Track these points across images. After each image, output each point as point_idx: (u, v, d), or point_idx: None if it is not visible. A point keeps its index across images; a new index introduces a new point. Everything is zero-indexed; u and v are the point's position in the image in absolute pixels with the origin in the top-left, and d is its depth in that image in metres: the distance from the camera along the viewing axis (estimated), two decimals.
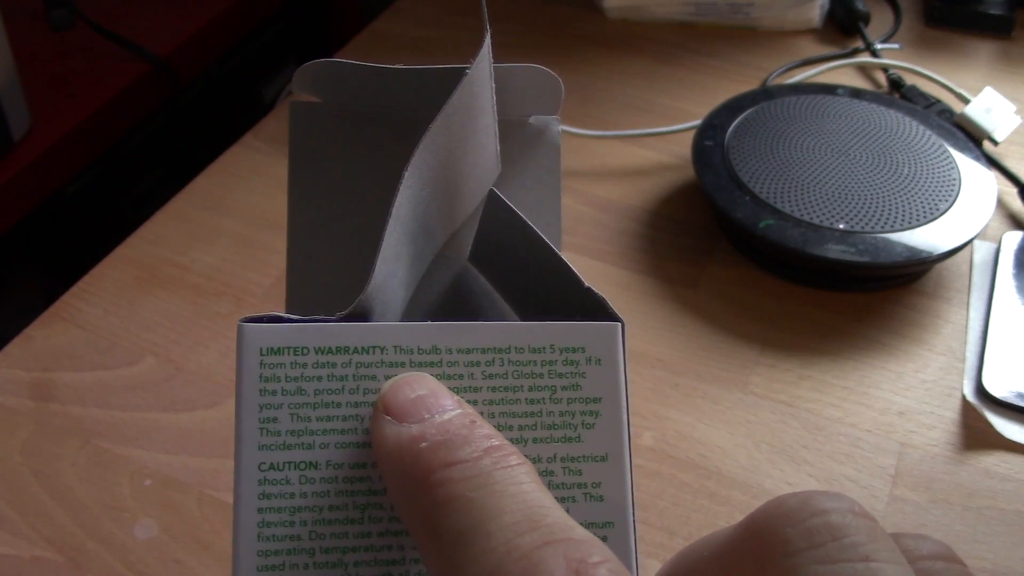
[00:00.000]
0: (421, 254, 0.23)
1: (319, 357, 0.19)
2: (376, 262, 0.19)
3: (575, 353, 0.20)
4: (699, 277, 0.52)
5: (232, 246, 0.54)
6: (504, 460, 0.17)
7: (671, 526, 0.41)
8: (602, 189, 0.58)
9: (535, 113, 0.25)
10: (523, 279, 0.23)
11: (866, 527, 0.16)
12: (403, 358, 0.19)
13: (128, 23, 0.75)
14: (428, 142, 0.20)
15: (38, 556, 0.40)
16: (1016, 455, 0.44)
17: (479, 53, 0.21)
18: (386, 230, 0.19)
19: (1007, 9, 0.71)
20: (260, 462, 0.19)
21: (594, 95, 0.65)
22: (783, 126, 0.55)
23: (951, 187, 0.52)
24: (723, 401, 0.46)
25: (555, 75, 0.24)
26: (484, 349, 0.20)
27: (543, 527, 0.16)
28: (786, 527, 0.17)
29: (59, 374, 0.47)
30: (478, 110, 0.22)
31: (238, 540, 0.18)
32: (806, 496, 0.17)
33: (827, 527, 0.16)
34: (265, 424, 0.19)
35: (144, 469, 0.43)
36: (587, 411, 0.20)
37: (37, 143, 0.65)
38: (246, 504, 0.18)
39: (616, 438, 0.20)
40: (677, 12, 0.72)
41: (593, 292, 0.21)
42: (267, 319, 0.19)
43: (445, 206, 0.23)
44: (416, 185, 0.20)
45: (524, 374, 0.20)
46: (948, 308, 0.51)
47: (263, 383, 0.19)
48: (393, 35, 0.71)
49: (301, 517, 0.19)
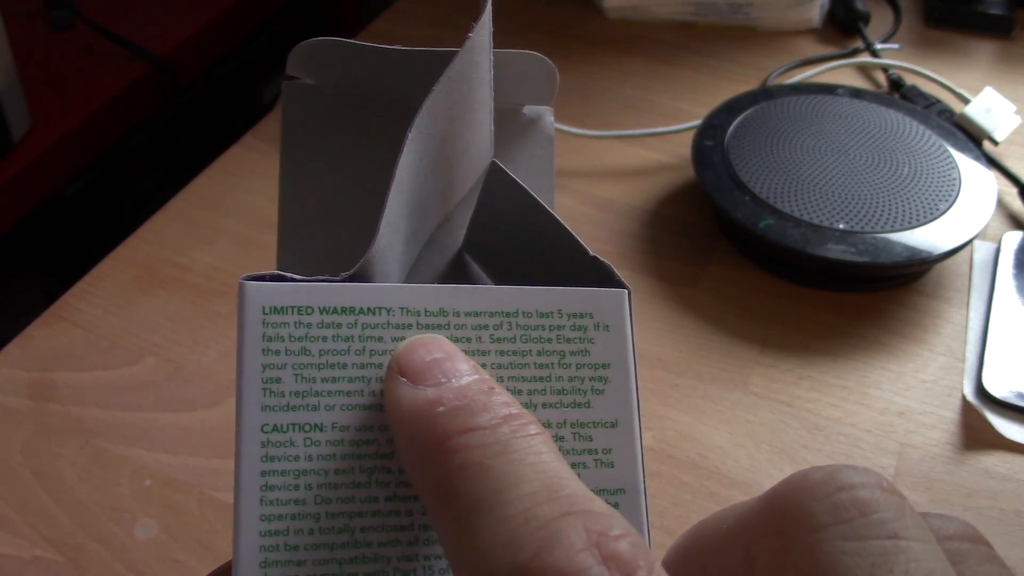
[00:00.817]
0: (416, 233, 0.22)
1: (324, 317, 0.19)
2: (380, 224, 0.19)
3: (583, 319, 0.20)
4: (699, 277, 0.52)
5: (232, 246, 0.54)
6: (523, 429, 0.17)
7: (671, 526, 0.41)
8: (602, 189, 0.58)
9: (529, 102, 0.25)
10: (523, 260, 0.22)
11: (895, 503, 0.16)
12: (410, 320, 0.19)
13: (128, 23, 0.75)
14: (430, 105, 0.20)
15: (38, 556, 0.40)
16: (1016, 455, 0.44)
17: (480, 19, 0.21)
18: (389, 193, 0.19)
19: (1007, 9, 0.71)
20: (263, 423, 0.18)
21: (594, 95, 0.65)
22: (783, 126, 0.55)
23: (951, 187, 0.52)
24: (723, 401, 0.46)
25: (550, 62, 0.24)
26: (492, 313, 0.20)
27: (562, 498, 0.16)
28: (811, 501, 0.16)
29: (59, 374, 0.47)
30: (478, 80, 0.21)
31: (240, 504, 0.18)
32: (832, 470, 0.17)
33: (854, 502, 0.16)
34: (268, 384, 0.18)
35: (144, 469, 0.43)
36: (596, 377, 0.20)
37: (37, 143, 0.65)
38: (248, 467, 0.18)
39: (625, 404, 0.20)
40: (677, 12, 0.72)
41: (599, 260, 0.20)
42: (269, 277, 0.19)
43: (441, 184, 0.22)
44: (417, 151, 0.20)
45: (532, 339, 0.20)
46: (948, 308, 0.51)
47: (266, 343, 0.18)
48: (393, 35, 0.71)
49: (306, 480, 0.18)
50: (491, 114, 0.23)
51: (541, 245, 0.21)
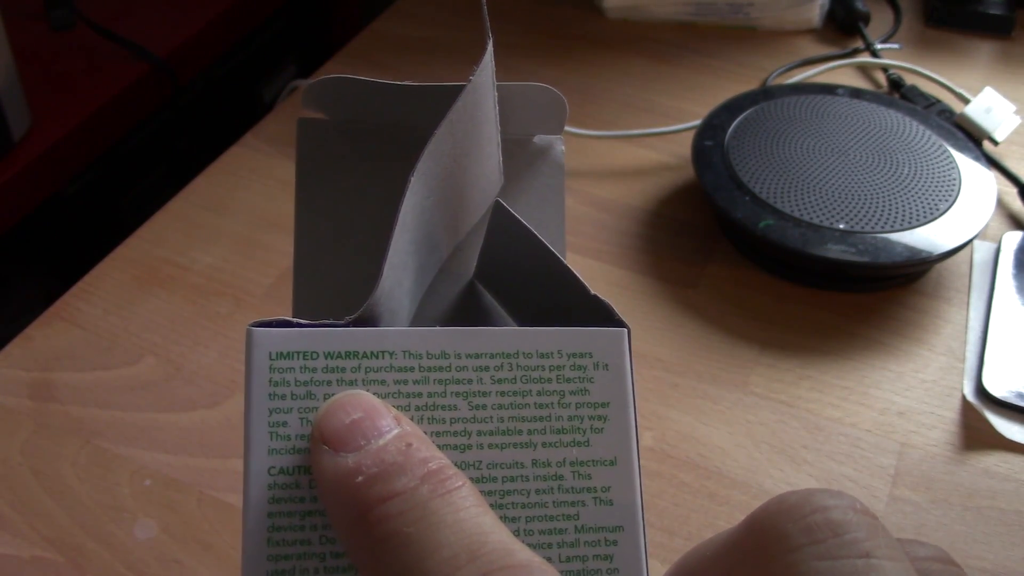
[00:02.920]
0: (425, 265, 0.23)
1: (329, 362, 0.19)
2: (383, 267, 0.19)
3: (583, 358, 0.20)
4: (699, 277, 0.52)
5: (232, 246, 0.54)
6: (442, 486, 0.17)
7: (671, 526, 0.41)
8: (602, 189, 0.58)
9: (539, 132, 0.25)
10: (529, 293, 0.23)
11: (867, 524, 0.16)
12: (412, 363, 0.19)
13: (128, 23, 0.75)
14: (433, 149, 0.20)
15: (38, 556, 0.40)
16: (1016, 455, 0.44)
17: (482, 60, 0.21)
18: (392, 236, 0.19)
19: (1007, 9, 0.71)
20: (270, 466, 0.19)
21: (594, 95, 0.65)
22: (783, 126, 0.55)
23: (951, 187, 0.52)
24: (723, 401, 0.46)
25: (559, 93, 0.24)
26: (492, 354, 0.20)
27: (482, 556, 0.16)
28: (787, 523, 0.17)
29: (59, 374, 0.47)
30: (482, 118, 0.22)
31: (247, 544, 0.18)
32: (807, 493, 0.17)
33: (828, 523, 0.16)
34: (275, 428, 0.19)
35: (144, 469, 0.43)
36: (595, 416, 0.20)
37: (37, 143, 0.65)
38: (255, 508, 0.18)
39: (625, 442, 0.20)
40: (677, 12, 0.72)
41: (600, 299, 0.21)
42: (276, 323, 0.19)
43: (449, 217, 0.23)
44: (421, 192, 0.20)
45: (532, 379, 0.20)
46: (948, 308, 0.51)
47: (272, 387, 0.19)
48: (393, 35, 0.71)
49: (311, 521, 0.19)
50: (499, 146, 0.23)
51: (543, 281, 0.22)
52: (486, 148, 0.23)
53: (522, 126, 0.25)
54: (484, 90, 0.22)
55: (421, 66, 0.68)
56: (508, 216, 0.22)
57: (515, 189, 0.24)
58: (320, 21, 0.98)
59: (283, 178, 0.59)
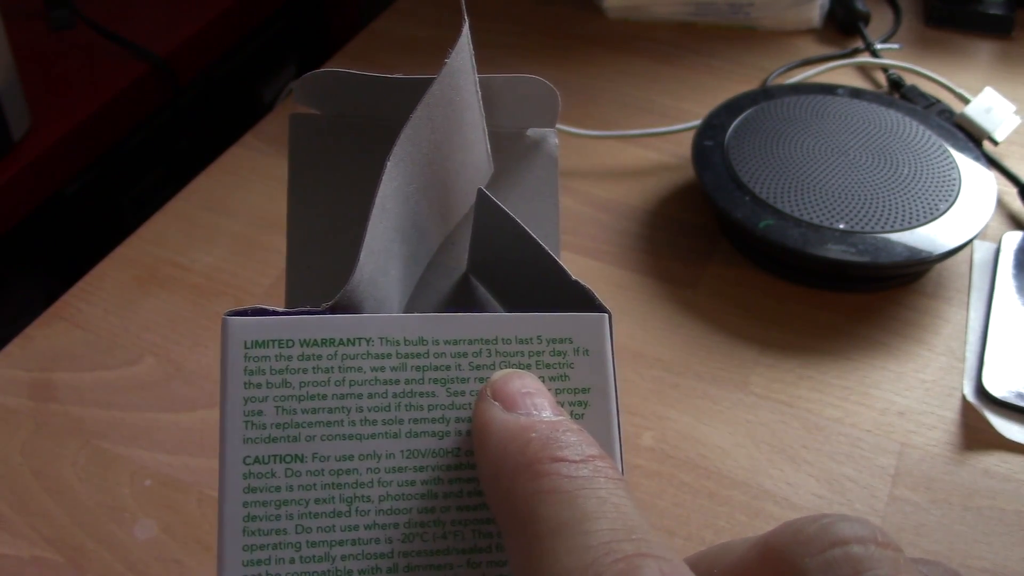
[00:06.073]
0: (415, 255, 0.23)
1: (304, 349, 0.19)
2: (360, 253, 0.19)
3: (562, 344, 0.20)
4: (699, 277, 0.52)
5: (232, 246, 0.54)
6: (606, 471, 0.17)
7: (671, 526, 0.41)
8: (602, 189, 0.58)
9: (532, 125, 0.25)
10: (517, 282, 0.23)
11: (889, 559, 0.16)
12: (389, 349, 0.19)
13: (128, 23, 0.75)
14: (410, 133, 0.20)
15: (38, 556, 0.40)
16: (1016, 455, 0.44)
17: (457, 43, 0.21)
18: (369, 221, 0.19)
19: (1007, 9, 0.71)
20: (245, 455, 0.19)
21: (594, 95, 0.65)
22: (783, 126, 0.55)
23: (951, 187, 0.52)
24: (723, 401, 0.46)
25: (552, 87, 0.24)
26: (471, 340, 0.20)
27: (641, 540, 0.16)
28: (804, 557, 0.16)
29: (59, 374, 0.47)
30: (462, 104, 0.22)
31: (223, 534, 0.18)
32: (827, 523, 0.16)
33: (847, 559, 0.16)
34: (250, 417, 0.19)
35: (144, 469, 0.43)
36: (576, 401, 0.20)
37: (37, 143, 0.65)
38: (231, 498, 0.18)
39: (606, 428, 0.20)
40: (677, 12, 0.72)
41: (580, 284, 0.20)
42: (251, 312, 0.19)
43: (436, 205, 0.23)
44: (401, 178, 0.20)
45: (511, 365, 0.20)
46: (948, 308, 0.51)
47: (248, 376, 0.19)
48: (393, 35, 0.71)
49: (287, 511, 0.18)
50: (484, 134, 0.23)
51: (527, 270, 0.22)
52: (469, 134, 0.22)
53: (515, 119, 0.25)
54: (462, 75, 0.21)
55: (421, 66, 0.68)
56: (490, 204, 0.21)
57: (508, 182, 0.24)
58: (320, 21, 0.98)
59: (283, 178, 0.58)
